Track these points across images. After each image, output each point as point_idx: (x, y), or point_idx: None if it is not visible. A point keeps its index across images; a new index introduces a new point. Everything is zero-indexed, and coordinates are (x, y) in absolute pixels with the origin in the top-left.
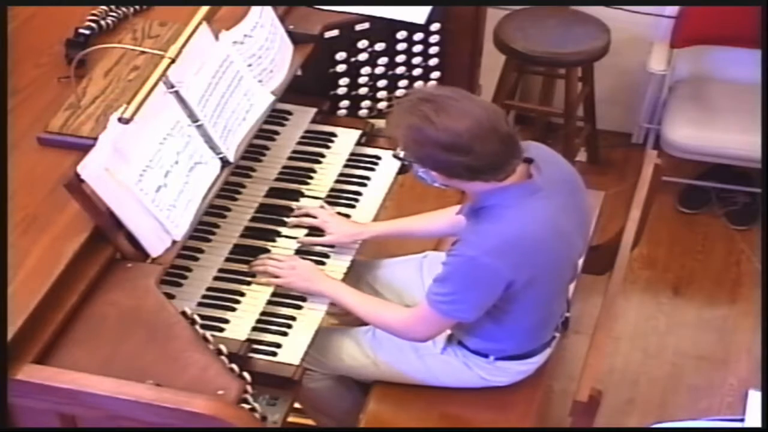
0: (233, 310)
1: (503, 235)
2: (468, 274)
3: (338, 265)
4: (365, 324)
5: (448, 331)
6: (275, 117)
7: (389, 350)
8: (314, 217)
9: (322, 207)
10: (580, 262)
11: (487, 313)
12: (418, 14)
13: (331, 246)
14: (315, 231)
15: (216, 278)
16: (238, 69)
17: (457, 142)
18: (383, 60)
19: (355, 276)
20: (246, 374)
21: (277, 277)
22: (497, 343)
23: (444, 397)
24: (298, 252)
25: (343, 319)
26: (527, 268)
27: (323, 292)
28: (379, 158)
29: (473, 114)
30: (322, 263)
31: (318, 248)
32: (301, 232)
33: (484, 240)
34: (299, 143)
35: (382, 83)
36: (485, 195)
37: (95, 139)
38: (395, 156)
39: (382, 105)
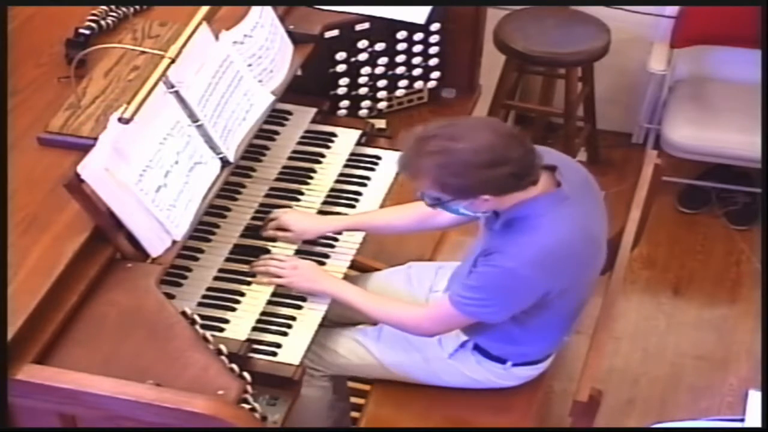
0: (233, 310)
1: (541, 245)
2: (505, 284)
3: (338, 265)
4: (366, 322)
5: (462, 338)
6: (275, 117)
7: (396, 353)
8: (275, 219)
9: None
10: None
11: (516, 319)
12: (418, 14)
13: (331, 246)
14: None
15: (216, 278)
16: (238, 69)
17: (493, 156)
18: (383, 60)
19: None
20: (246, 374)
21: (279, 277)
22: (520, 347)
23: (444, 398)
24: (298, 252)
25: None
26: (563, 277)
27: (327, 292)
28: (379, 158)
29: (481, 128)
30: (322, 263)
31: (317, 249)
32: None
33: (523, 251)
34: (299, 143)
35: (382, 83)
36: (519, 207)
37: (95, 139)
38: (431, 205)
39: (382, 105)
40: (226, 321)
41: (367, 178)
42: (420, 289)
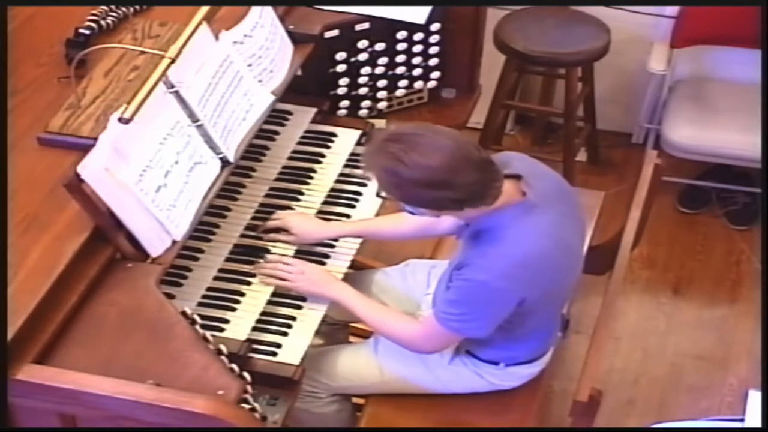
0: (233, 310)
1: (510, 256)
2: (480, 297)
3: (337, 265)
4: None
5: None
6: (275, 117)
7: (396, 364)
8: (278, 219)
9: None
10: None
11: (499, 326)
12: (418, 14)
13: (331, 246)
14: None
15: (216, 278)
16: (238, 69)
17: (434, 178)
18: (383, 60)
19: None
20: (246, 374)
21: (285, 280)
22: (509, 351)
23: (443, 398)
24: (298, 252)
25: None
26: (538, 285)
27: (332, 297)
28: None
29: (443, 147)
30: (322, 263)
31: (318, 249)
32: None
33: (493, 263)
34: (299, 143)
35: (382, 83)
36: (482, 219)
37: (95, 139)
38: (378, 195)
39: (382, 105)
40: (226, 321)
41: (368, 178)
42: (415, 286)
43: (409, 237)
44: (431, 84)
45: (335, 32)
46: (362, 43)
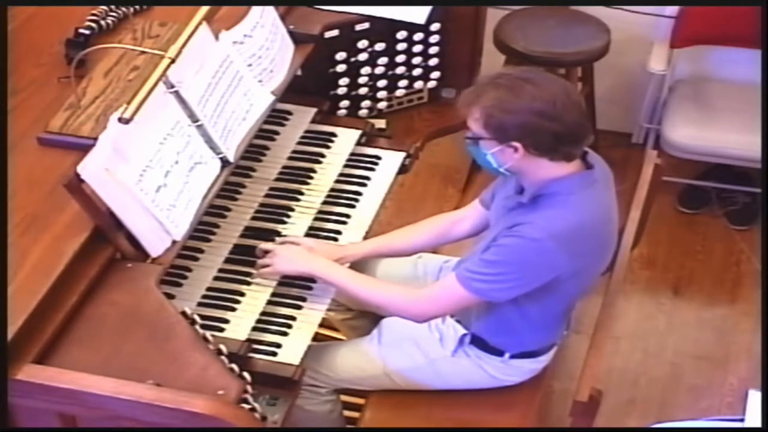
0: (233, 310)
1: (569, 220)
2: (527, 256)
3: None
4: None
5: (460, 332)
6: (275, 117)
7: (397, 358)
8: (297, 245)
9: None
10: None
11: (516, 303)
12: (418, 14)
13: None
14: None
15: (216, 278)
16: (238, 69)
17: (549, 109)
18: (383, 60)
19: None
20: (246, 374)
21: (268, 269)
22: (517, 337)
23: (444, 397)
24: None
25: (350, 323)
26: (581, 257)
27: (312, 273)
28: (379, 158)
29: (556, 83)
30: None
31: None
32: None
33: (551, 224)
34: (299, 143)
35: (382, 83)
36: (548, 182)
37: (95, 139)
38: (468, 144)
39: (382, 105)
40: (226, 321)
41: (367, 178)
42: (425, 279)
43: (429, 245)
44: (431, 84)
45: (335, 32)
46: (362, 43)
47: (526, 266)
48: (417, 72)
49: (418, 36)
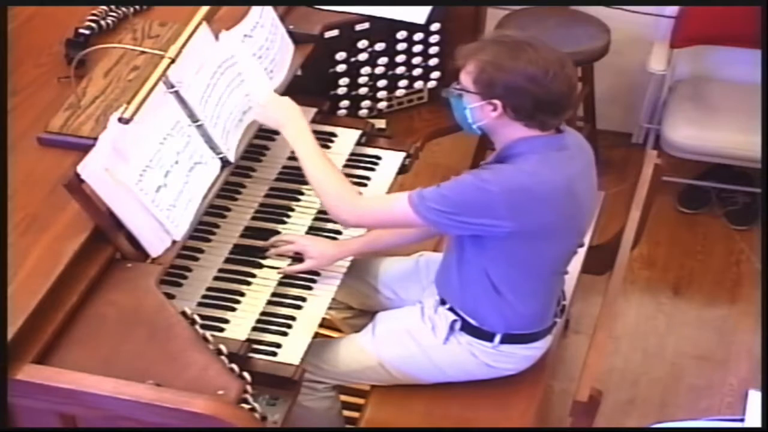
0: (233, 310)
1: (519, 175)
2: (469, 190)
3: (337, 264)
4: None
5: (450, 318)
6: None
7: (391, 348)
8: (291, 243)
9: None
10: (582, 252)
11: (494, 286)
12: (418, 14)
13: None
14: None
15: (216, 278)
16: (238, 69)
17: (540, 76)
18: (383, 60)
19: (355, 274)
20: (246, 374)
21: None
22: (500, 315)
23: (444, 396)
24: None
25: (350, 322)
26: (531, 218)
27: (286, 135)
28: (379, 158)
29: (555, 53)
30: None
31: None
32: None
33: (501, 173)
34: None
35: (382, 83)
36: (515, 143)
37: (95, 139)
38: (455, 88)
39: (382, 105)
40: (226, 321)
41: (367, 178)
42: (427, 276)
43: (417, 239)
44: (431, 84)
45: (335, 32)
46: (362, 43)
47: (467, 202)
48: (417, 72)
49: (418, 36)
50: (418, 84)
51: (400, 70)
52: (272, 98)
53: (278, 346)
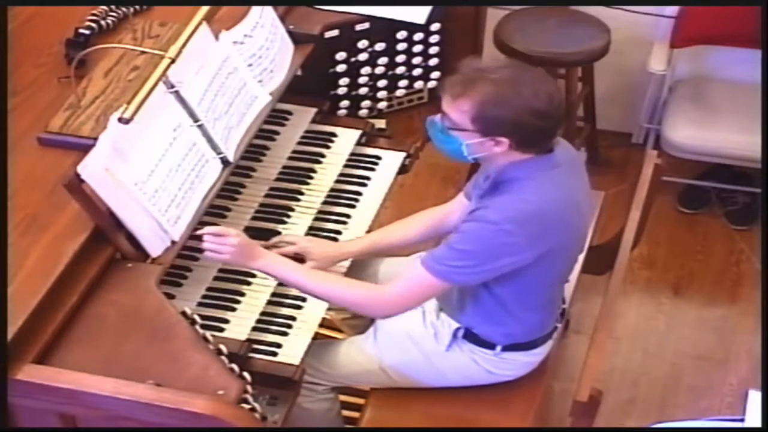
0: (233, 310)
1: (526, 203)
2: (487, 238)
3: (338, 265)
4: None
5: (454, 326)
6: (275, 117)
7: (393, 353)
8: (293, 244)
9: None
10: (581, 257)
11: (496, 297)
12: (418, 14)
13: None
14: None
15: (216, 278)
16: (238, 69)
17: (545, 108)
18: (383, 60)
19: (354, 275)
20: (246, 374)
21: (214, 254)
22: (504, 328)
23: (444, 397)
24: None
25: (351, 322)
26: (544, 241)
27: (261, 269)
28: (379, 158)
29: (548, 80)
30: None
31: None
32: None
33: (507, 207)
34: (299, 143)
35: (382, 83)
36: (510, 167)
37: (95, 139)
38: (441, 129)
39: (382, 105)
40: (226, 321)
41: (367, 178)
42: None
43: (423, 238)
44: (431, 84)
45: (335, 32)
46: (362, 43)
47: (486, 249)
48: (417, 72)
49: (418, 36)
50: (418, 84)
51: (400, 70)
52: (239, 235)
53: (278, 346)
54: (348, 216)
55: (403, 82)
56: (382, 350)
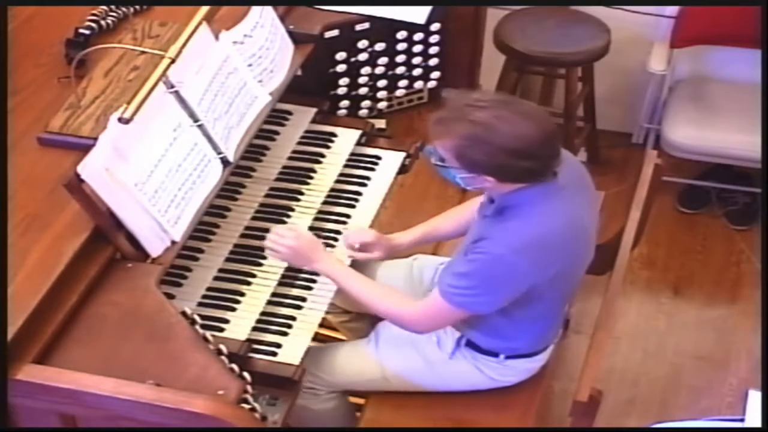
0: (233, 310)
1: (530, 232)
2: (493, 271)
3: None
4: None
5: (456, 334)
6: (275, 117)
7: (396, 361)
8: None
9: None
10: None
11: (503, 311)
12: (418, 14)
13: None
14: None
15: (216, 278)
16: (238, 69)
17: (522, 148)
18: (383, 60)
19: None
20: (246, 374)
21: (278, 252)
22: (509, 342)
23: (444, 397)
24: None
25: (349, 325)
26: (552, 266)
27: (323, 272)
28: (379, 158)
29: (533, 118)
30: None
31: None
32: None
33: (512, 237)
34: (299, 143)
35: (382, 83)
36: (513, 194)
37: (95, 139)
38: (435, 162)
39: (382, 105)
40: (226, 321)
41: (367, 178)
42: (422, 281)
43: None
44: (431, 84)
45: (335, 32)
46: (362, 43)
47: (495, 280)
48: (417, 72)
49: (418, 36)
50: (418, 84)
51: (400, 70)
52: (298, 238)
53: (278, 346)
54: (348, 216)
55: (403, 82)
56: (384, 357)
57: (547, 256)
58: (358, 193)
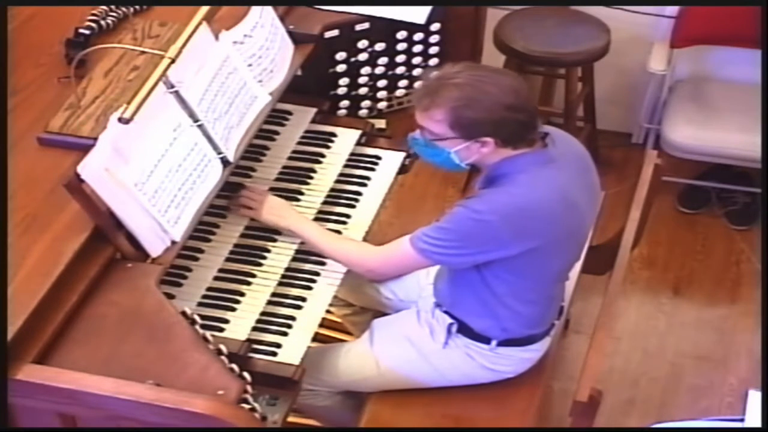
0: (233, 310)
1: (515, 197)
2: (468, 225)
3: (339, 265)
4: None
5: (448, 321)
6: (275, 117)
7: (391, 356)
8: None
9: None
10: (583, 252)
11: (489, 284)
12: (418, 14)
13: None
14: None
15: (216, 278)
16: (238, 69)
17: (516, 101)
18: (383, 60)
19: (356, 274)
20: (246, 374)
21: (250, 209)
22: (500, 321)
23: (444, 397)
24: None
25: (352, 319)
26: (535, 237)
27: (290, 228)
28: (379, 158)
29: (505, 74)
30: (323, 263)
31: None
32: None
33: (495, 199)
34: (299, 143)
35: (382, 83)
36: (504, 163)
37: (95, 139)
38: (418, 146)
39: (382, 105)
40: (226, 321)
41: (367, 178)
42: (415, 276)
43: None
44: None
45: (335, 32)
46: (362, 43)
47: (468, 235)
48: (417, 72)
49: (418, 36)
50: (418, 84)
51: (400, 70)
52: (269, 194)
53: (278, 346)
54: (348, 216)
55: (403, 82)
56: (379, 354)
57: (527, 224)
58: (358, 193)
